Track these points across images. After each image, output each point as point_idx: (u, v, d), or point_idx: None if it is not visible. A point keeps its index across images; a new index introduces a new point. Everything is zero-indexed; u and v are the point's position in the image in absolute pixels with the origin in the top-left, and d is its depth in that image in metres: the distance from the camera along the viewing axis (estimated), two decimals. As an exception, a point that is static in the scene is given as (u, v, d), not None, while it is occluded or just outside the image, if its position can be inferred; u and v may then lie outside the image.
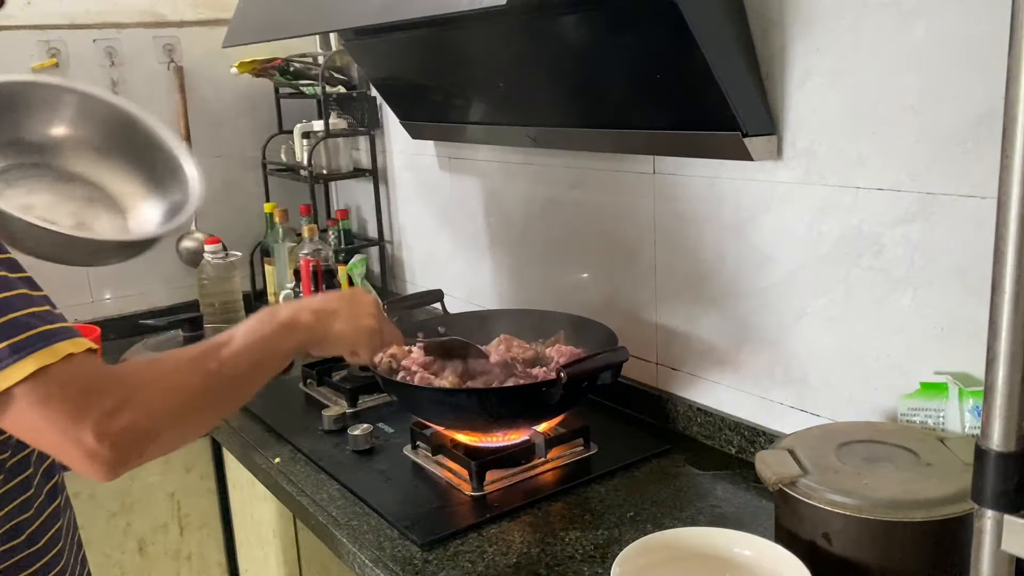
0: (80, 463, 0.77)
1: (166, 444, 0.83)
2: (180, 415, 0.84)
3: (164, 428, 0.82)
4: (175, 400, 0.84)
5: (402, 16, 1.21)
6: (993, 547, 0.60)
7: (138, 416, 0.79)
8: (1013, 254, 0.56)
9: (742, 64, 1.20)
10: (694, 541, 0.98)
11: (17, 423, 0.77)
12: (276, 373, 0.99)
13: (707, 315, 1.40)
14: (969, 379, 1.05)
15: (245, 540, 1.85)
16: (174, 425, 0.84)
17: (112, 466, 0.78)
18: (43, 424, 0.76)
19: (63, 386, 0.77)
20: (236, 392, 0.93)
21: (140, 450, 0.80)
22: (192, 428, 0.88)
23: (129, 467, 0.79)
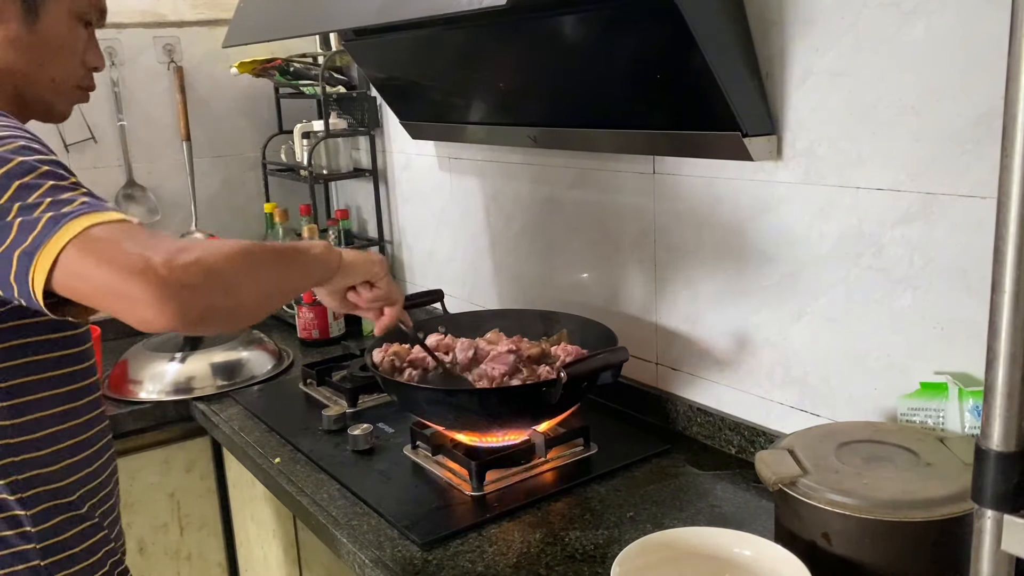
0: (150, 296, 0.77)
1: (230, 292, 0.84)
2: (242, 270, 0.86)
3: (226, 271, 0.83)
4: (238, 256, 0.85)
5: (402, 16, 1.21)
6: (993, 547, 0.60)
7: (202, 255, 0.81)
8: (1013, 254, 0.56)
9: (742, 64, 1.20)
10: (694, 541, 0.98)
11: (82, 273, 0.79)
12: (305, 283, 1.05)
13: (707, 315, 1.40)
14: (969, 379, 1.05)
15: (245, 540, 1.86)
16: (233, 273, 0.84)
17: (183, 298, 0.78)
18: (108, 260, 0.78)
19: (126, 231, 0.80)
20: (277, 274, 0.94)
21: (212, 287, 0.81)
22: (250, 291, 0.88)
23: (201, 305, 0.80)
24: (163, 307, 0.77)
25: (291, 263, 0.99)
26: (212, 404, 1.73)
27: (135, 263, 0.77)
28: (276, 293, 0.95)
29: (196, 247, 0.83)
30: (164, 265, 0.77)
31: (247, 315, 0.91)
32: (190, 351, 1.86)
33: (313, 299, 2.02)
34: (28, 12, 1.01)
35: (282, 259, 0.97)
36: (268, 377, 1.86)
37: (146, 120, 2.23)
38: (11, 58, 1.02)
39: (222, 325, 0.89)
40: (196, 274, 0.79)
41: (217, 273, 0.82)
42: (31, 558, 1.00)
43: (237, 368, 1.86)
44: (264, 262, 0.91)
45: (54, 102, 1.09)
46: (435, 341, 1.53)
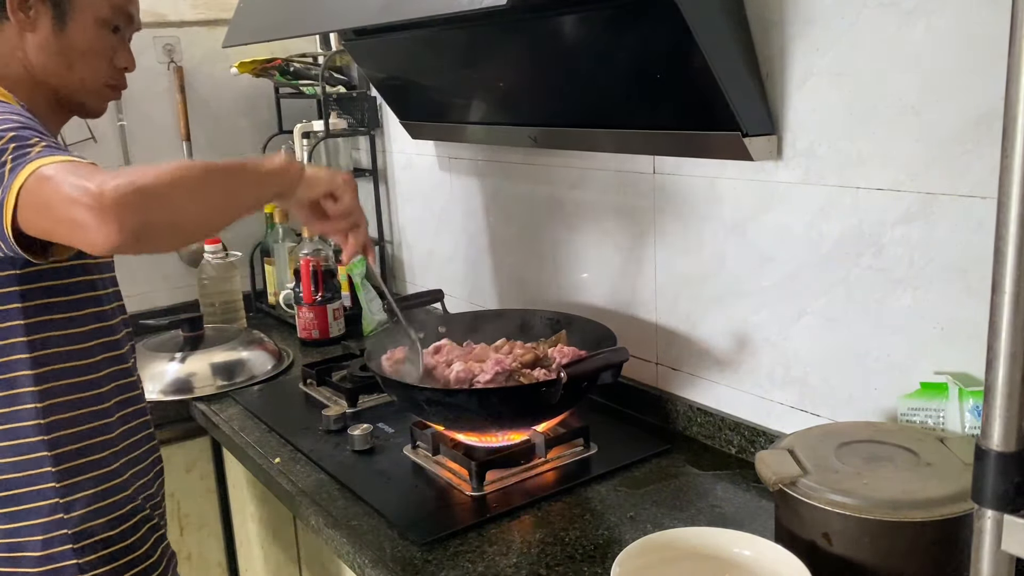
0: (90, 219, 0.85)
1: (165, 207, 0.91)
2: (175, 186, 0.92)
3: (165, 193, 0.90)
4: (169, 175, 0.91)
5: (402, 16, 1.21)
6: (993, 547, 0.60)
7: (134, 176, 0.88)
8: (1013, 254, 0.56)
9: (742, 64, 1.20)
10: (694, 541, 0.98)
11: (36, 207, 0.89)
12: (257, 197, 1.09)
13: (707, 315, 1.40)
14: (969, 379, 1.05)
15: (245, 540, 1.86)
16: (168, 193, 0.91)
17: (120, 216, 0.85)
18: (53, 193, 0.88)
19: (72, 168, 0.89)
20: (222, 189, 1.00)
21: (145, 204, 0.88)
22: (186, 206, 0.94)
23: (137, 221, 0.87)
24: (102, 227, 0.86)
25: (238, 177, 1.04)
26: (212, 404, 1.73)
27: (74, 191, 0.86)
28: (224, 206, 1.01)
29: (131, 170, 0.91)
30: (98, 188, 0.86)
31: (192, 228, 0.99)
32: (190, 351, 1.86)
33: (313, 299, 2.02)
34: (58, 20, 1.12)
35: (228, 174, 1.02)
36: (268, 377, 1.86)
37: (146, 120, 2.23)
38: (43, 61, 1.13)
39: (166, 239, 0.97)
40: (128, 193, 0.86)
41: (149, 190, 0.89)
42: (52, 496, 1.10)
43: (237, 368, 1.86)
44: (204, 177, 0.97)
45: (86, 100, 1.19)
46: (432, 360, 1.51)
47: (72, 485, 1.11)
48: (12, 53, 1.12)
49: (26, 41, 1.12)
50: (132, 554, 1.17)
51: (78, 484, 1.11)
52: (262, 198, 1.12)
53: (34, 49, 1.12)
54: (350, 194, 1.17)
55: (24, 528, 1.09)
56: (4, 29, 1.11)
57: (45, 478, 1.09)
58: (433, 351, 1.50)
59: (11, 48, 1.12)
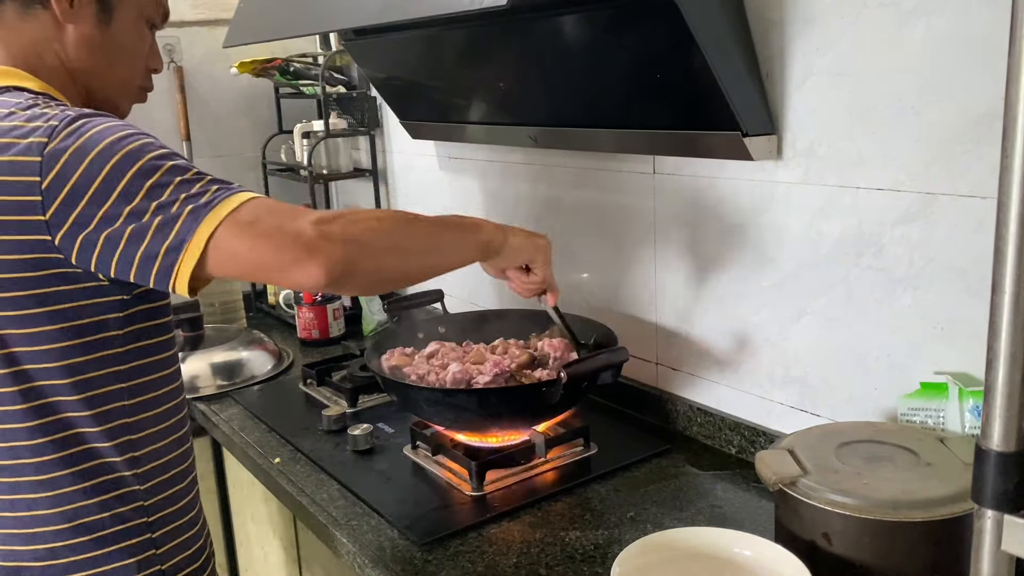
0: (299, 260, 0.88)
1: (373, 261, 0.95)
2: (382, 239, 0.96)
3: (371, 242, 0.94)
4: (377, 226, 0.96)
5: (402, 16, 1.21)
6: (993, 547, 0.60)
7: (347, 224, 0.92)
8: (1013, 254, 0.56)
9: (742, 64, 1.20)
10: (694, 541, 0.98)
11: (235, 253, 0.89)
12: (457, 260, 1.11)
13: (707, 315, 1.40)
14: (969, 379, 1.05)
15: (245, 540, 1.86)
16: (378, 244, 0.95)
17: (330, 258, 0.88)
18: (262, 238, 0.88)
19: (268, 207, 0.91)
20: (425, 247, 1.04)
21: (352, 251, 0.91)
22: (392, 259, 0.98)
23: (344, 266, 0.90)
24: (310, 269, 0.88)
25: (445, 237, 1.08)
26: (212, 404, 1.73)
27: (287, 235, 0.88)
28: (426, 264, 1.06)
29: (342, 215, 0.94)
30: (313, 232, 0.89)
31: (393, 278, 1.04)
32: (190, 351, 1.86)
33: (313, 299, 2.02)
34: (103, 14, 1.06)
35: (436, 234, 1.06)
36: (268, 377, 1.86)
37: (146, 120, 2.22)
38: (84, 57, 1.06)
39: (365, 286, 1.01)
40: (339, 238, 0.90)
41: (358, 238, 0.93)
42: (145, 532, 1.04)
43: (237, 368, 1.86)
44: (412, 235, 1.02)
45: (120, 101, 1.14)
46: (432, 352, 1.51)
47: (160, 519, 1.04)
48: (47, 44, 1.03)
49: (65, 34, 1.04)
50: (206, 566, 1.13)
51: (165, 518, 1.05)
52: (463, 261, 1.13)
53: (74, 43, 1.04)
54: (544, 267, 1.21)
55: (120, 569, 1.01)
56: (39, 18, 1.02)
57: (138, 513, 1.02)
58: (427, 355, 1.50)
59: (46, 38, 1.03)
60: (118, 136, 0.90)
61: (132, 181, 0.88)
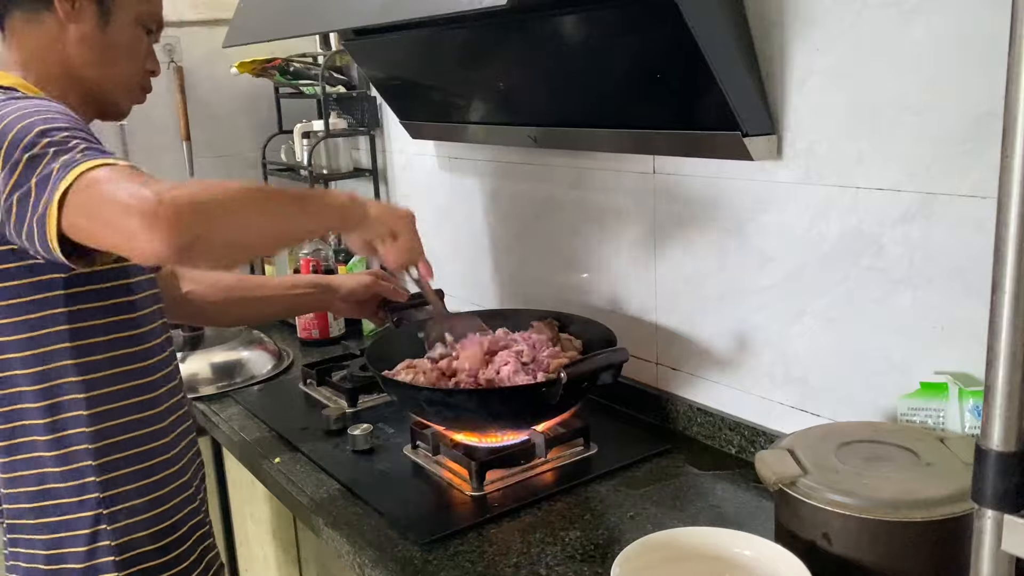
0: (142, 227, 0.85)
1: (222, 230, 0.92)
2: (231, 207, 0.93)
3: (219, 210, 0.91)
4: (227, 193, 0.93)
5: (402, 16, 1.21)
6: (993, 547, 0.60)
7: (194, 191, 0.89)
8: (1013, 254, 0.56)
9: (742, 64, 1.20)
10: (694, 541, 0.98)
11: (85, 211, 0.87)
12: (313, 227, 1.09)
13: (707, 315, 1.40)
14: (969, 379, 1.05)
15: (245, 540, 1.86)
16: (227, 212, 0.92)
17: (175, 225, 0.85)
18: (105, 198, 0.86)
19: (124, 172, 0.89)
20: (277, 213, 1.00)
21: (198, 219, 0.88)
22: (240, 226, 0.95)
23: (190, 235, 0.87)
24: (153, 237, 0.85)
25: (298, 205, 1.04)
26: (212, 404, 1.73)
27: (129, 198, 0.85)
28: (278, 232, 1.02)
29: (190, 184, 0.92)
30: (155, 197, 0.85)
31: (243, 248, 1.01)
32: (190, 351, 1.86)
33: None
34: (102, 15, 1.12)
35: (288, 201, 1.03)
36: (268, 377, 1.86)
37: (146, 120, 2.23)
38: (84, 54, 1.12)
39: (214, 256, 0.96)
40: (183, 205, 0.86)
41: (205, 205, 0.89)
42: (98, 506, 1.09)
43: (237, 368, 1.86)
44: (262, 200, 0.98)
45: (119, 100, 1.19)
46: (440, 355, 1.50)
47: (116, 495, 1.09)
48: (51, 46, 1.11)
49: (67, 34, 1.11)
50: (177, 567, 1.15)
51: (122, 494, 1.09)
52: (318, 230, 1.15)
53: (75, 42, 1.11)
54: (409, 234, 1.18)
55: (67, 539, 1.08)
56: (44, 21, 1.10)
57: (89, 488, 1.07)
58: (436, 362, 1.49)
59: (50, 40, 1.11)
60: (20, 113, 0.94)
61: (19, 152, 0.91)
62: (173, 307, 1.48)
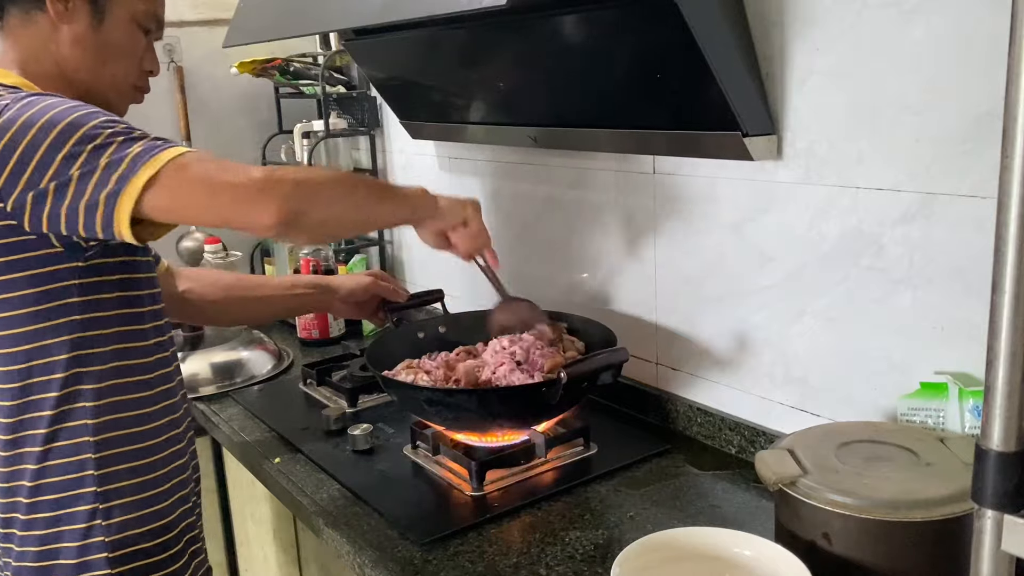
0: (256, 200, 0.97)
1: (321, 209, 1.03)
2: (329, 189, 1.05)
3: (319, 190, 1.03)
4: (322, 177, 1.09)
5: (402, 16, 1.21)
6: (993, 547, 0.60)
7: (297, 173, 1.04)
8: (1013, 254, 0.56)
9: (742, 64, 1.20)
10: (694, 541, 0.98)
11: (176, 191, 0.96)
12: (392, 218, 1.29)
13: (707, 315, 1.40)
14: (969, 379, 1.05)
15: (245, 540, 1.86)
16: (326, 193, 1.04)
17: (284, 200, 0.97)
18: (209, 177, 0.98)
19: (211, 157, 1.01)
20: (366, 201, 1.13)
21: (300, 195, 1.00)
22: (334, 206, 1.06)
23: (294, 210, 0.98)
24: (264, 208, 0.96)
25: (382, 193, 1.22)
26: (212, 404, 1.73)
27: (242, 177, 0.97)
28: (365, 215, 1.16)
29: (290, 168, 1.03)
30: (266, 176, 0.98)
31: (336, 226, 1.14)
32: (190, 351, 1.86)
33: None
34: (95, 15, 1.13)
35: (374, 188, 1.21)
36: (268, 377, 1.86)
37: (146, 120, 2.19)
38: (77, 55, 1.13)
39: (311, 231, 1.07)
40: (290, 184, 0.99)
41: (307, 186, 1.02)
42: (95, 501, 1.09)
43: (237, 368, 1.86)
44: (353, 185, 1.12)
45: (113, 100, 1.19)
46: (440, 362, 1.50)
47: (112, 491, 1.08)
48: (44, 46, 1.11)
49: (60, 34, 1.11)
50: (170, 567, 1.14)
51: (119, 490, 1.09)
52: (397, 218, 1.26)
53: (68, 43, 1.11)
54: (476, 222, 1.26)
55: (63, 533, 1.07)
56: (38, 21, 1.10)
57: (86, 482, 1.07)
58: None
59: (43, 41, 1.11)
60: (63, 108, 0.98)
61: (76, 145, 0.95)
62: (171, 306, 1.47)
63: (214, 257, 2.12)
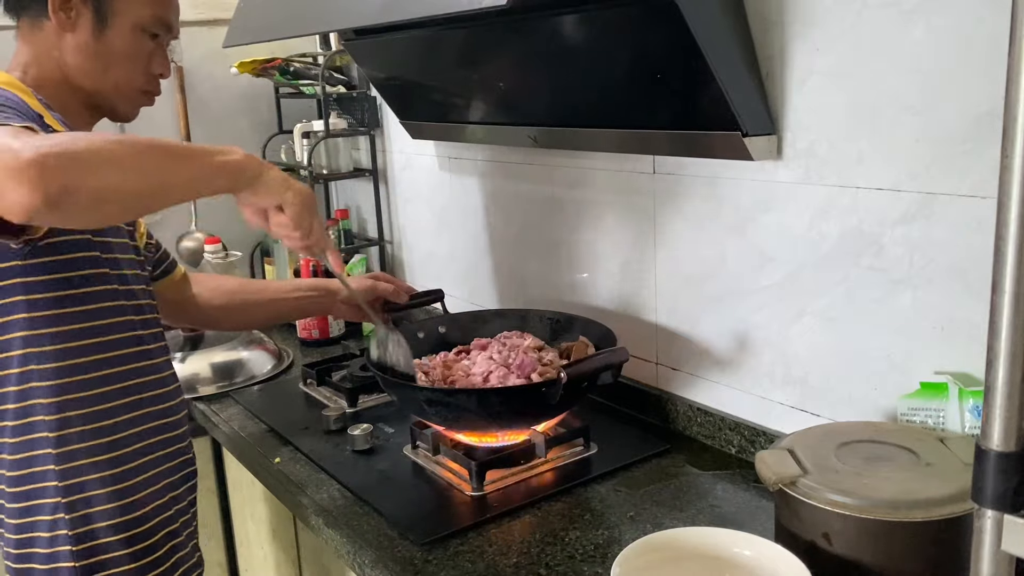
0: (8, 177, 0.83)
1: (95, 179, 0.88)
2: (108, 155, 0.90)
3: (94, 159, 0.88)
4: (100, 143, 0.90)
5: (402, 16, 1.21)
6: (993, 547, 0.60)
7: (65, 141, 0.87)
8: (1013, 254, 0.56)
9: (742, 64, 1.20)
10: (694, 541, 0.98)
11: None
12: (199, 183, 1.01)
13: (707, 315, 1.40)
14: (969, 379, 1.05)
15: (245, 540, 1.86)
16: (102, 161, 0.89)
17: (44, 175, 0.83)
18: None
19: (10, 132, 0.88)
20: (160, 165, 0.96)
21: (66, 167, 0.85)
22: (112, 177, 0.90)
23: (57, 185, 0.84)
24: (19, 187, 0.83)
25: (183, 161, 0.99)
26: (212, 404, 1.73)
27: (3, 153, 0.84)
28: (156, 186, 0.96)
29: (66, 135, 0.90)
30: (21, 147, 0.84)
31: (116, 201, 0.93)
32: (190, 351, 1.86)
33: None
34: (98, 23, 1.13)
35: (171, 155, 0.97)
36: (268, 377, 1.86)
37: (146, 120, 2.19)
38: (79, 62, 1.13)
39: (85, 209, 0.90)
40: (51, 154, 0.84)
41: (73, 154, 0.86)
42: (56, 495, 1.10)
43: (237, 368, 1.86)
44: (141, 152, 0.93)
45: (117, 104, 1.19)
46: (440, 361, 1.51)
47: (75, 485, 1.10)
48: (48, 53, 1.12)
49: (64, 41, 1.12)
50: (138, 562, 1.15)
51: (81, 484, 1.10)
52: (204, 188, 1.03)
53: (71, 50, 1.12)
54: (295, 209, 1.06)
55: (36, 523, 1.10)
56: (43, 28, 1.12)
57: (48, 476, 1.09)
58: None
59: (48, 48, 1.12)
60: None
61: None
62: (179, 311, 1.48)
63: (214, 257, 2.12)
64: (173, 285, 1.45)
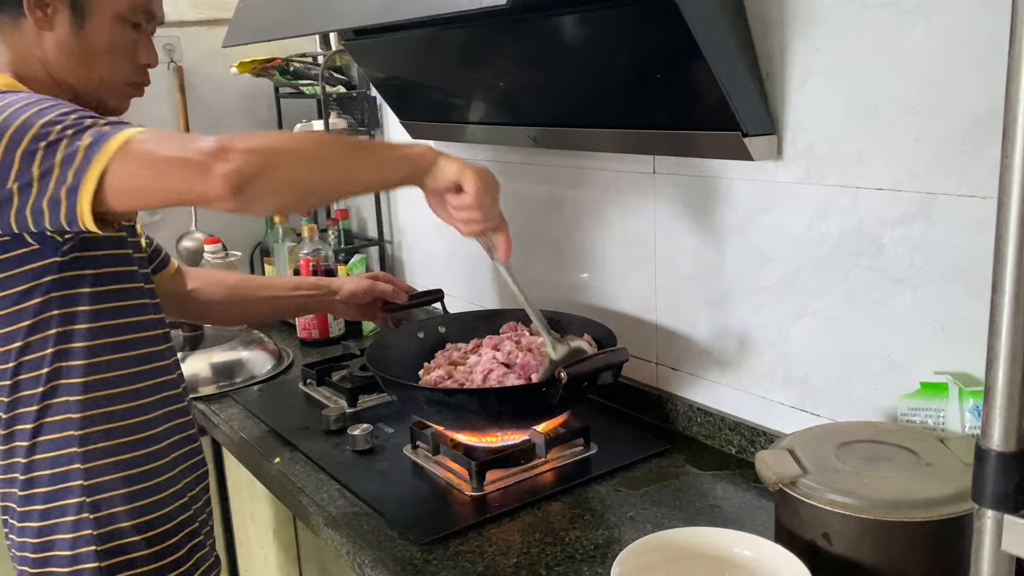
0: (202, 169, 0.91)
1: (283, 171, 0.96)
2: (293, 149, 0.98)
3: (279, 152, 0.96)
4: (287, 139, 0.99)
5: (402, 16, 1.21)
6: (993, 547, 0.60)
7: (253, 138, 0.95)
8: (1013, 254, 0.56)
9: (742, 64, 1.20)
10: (694, 541, 0.98)
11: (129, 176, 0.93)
12: (382, 174, 1.10)
13: (707, 315, 1.40)
14: (969, 379, 1.05)
15: (245, 540, 1.86)
16: (288, 154, 0.97)
17: (233, 165, 0.90)
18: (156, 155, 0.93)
19: (161, 133, 0.96)
20: (343, 157, 1.04)
21: (256, 159, 0.92)
22: (305, 169, 0.98)
23: (249, 174, 0.91)
24: (213, 177, 0.90)
25: (365, 154, 1.09)
26: (212, 404, 1.73)
27: (187, 148, 0.92)
28: (341, 179, 1.05)
29: (247, 134, 0.96)
30: (214, 143, 0.91)
31: (305, 192, 1.02)
32: (190, 351, 1.86)
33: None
34: (76, 19, 1.10)
35: (354, 148, 1.08)
36: (268, 377, 1.86)
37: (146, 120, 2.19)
38: (62, 60, 1.11)
39: (274, 197, 0.98)
40: (242, 148, 0.92)
41: (264, 148, 0.94)
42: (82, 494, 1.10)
43: (237, 368, 1.86)
44: (324, 146, 1.03)
45: (105, 99, 1.17)
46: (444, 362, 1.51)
47: (100, 484, 1.10)
48: (31, 51, 1.10)
49: (44, 40, 1.10)
50: (160, 561, 1.15)
51: (105, 484, 1.10)
52: (386, 180, 1.14)
53: (52, 48, 1.10)
54: (474, 187, 1.10)
55: (57, 525, 1.09)
56: (22, 27, 1.09)
57: (73, 475, 1.08)
58: None
59: (30, 46, 1.10)
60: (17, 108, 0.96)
61: (31, 143, 0.94)
62: (177, 305, 1.48)
63: (214, 257, 2.12)
64: (169, 280, 1.44)
